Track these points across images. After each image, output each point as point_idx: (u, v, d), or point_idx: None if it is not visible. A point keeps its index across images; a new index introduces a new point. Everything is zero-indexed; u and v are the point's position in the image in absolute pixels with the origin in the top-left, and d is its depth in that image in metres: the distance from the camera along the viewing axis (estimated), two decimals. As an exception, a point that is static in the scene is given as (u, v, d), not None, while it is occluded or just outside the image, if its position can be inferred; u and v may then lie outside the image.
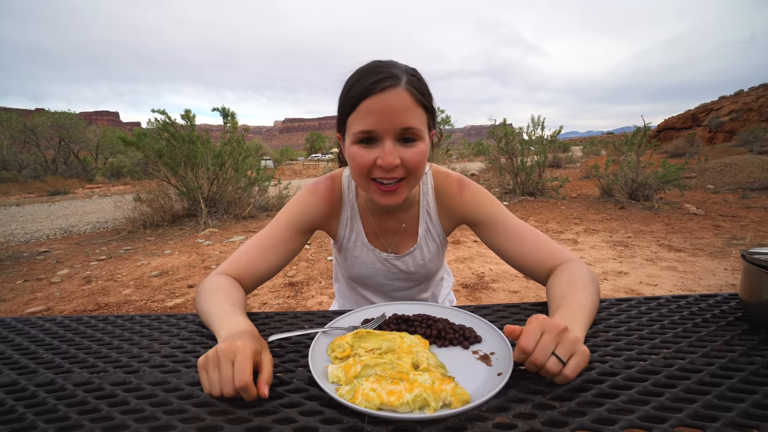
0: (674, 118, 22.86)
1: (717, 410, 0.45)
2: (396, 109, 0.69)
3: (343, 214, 0.94)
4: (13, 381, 0.57)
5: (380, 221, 0.94)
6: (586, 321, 0.64)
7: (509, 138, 7.58)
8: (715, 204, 6.17)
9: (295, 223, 0.88)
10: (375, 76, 0.70)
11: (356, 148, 0.73)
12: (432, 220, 0.95)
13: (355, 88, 0.71)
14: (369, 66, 0.74)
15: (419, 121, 0.72)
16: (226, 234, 5.36)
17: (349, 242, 0.96)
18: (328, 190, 0.92)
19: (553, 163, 13.91)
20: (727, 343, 0.61)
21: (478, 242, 4.52)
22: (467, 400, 0.47)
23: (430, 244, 0.96)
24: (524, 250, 0.83)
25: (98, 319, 0.80)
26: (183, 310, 2.84)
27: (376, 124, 0.70)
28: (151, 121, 6.19)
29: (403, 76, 0.71)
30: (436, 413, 0.45)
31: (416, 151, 0.72)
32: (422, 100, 0.72)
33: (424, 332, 0.66)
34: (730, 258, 3.53)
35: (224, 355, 0.51)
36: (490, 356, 0.59)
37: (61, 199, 11.84)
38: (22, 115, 20.61)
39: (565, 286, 0.71)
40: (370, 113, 0.70)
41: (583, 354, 0.52)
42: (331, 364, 0.57)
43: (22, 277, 3.77)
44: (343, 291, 1.14)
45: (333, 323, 0.70)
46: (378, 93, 0.69)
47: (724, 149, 13.88)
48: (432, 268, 0.99)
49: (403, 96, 0.69)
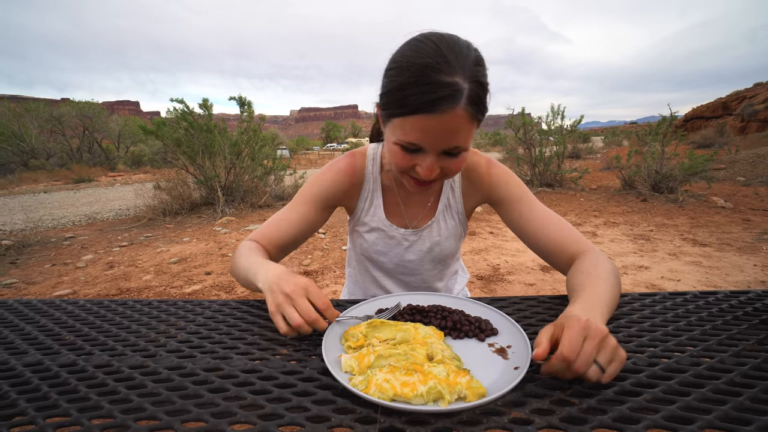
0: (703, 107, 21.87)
1: (750, 413, 0.43)
2: (448, 132, 0.65)
3: (364, 188, 0.94)
4: (38, 361, 0.59)
5: (405, 197, 0.94)
6: (607, 312, 0.62)
7: (527, 128, 7.40)
8: (746, 197, 5.90)
9: (316, 196, 0.90)
10: (436, 91, 0.61)
11: (398, 149, 0.70)
12: (455, 195, 0.94)
13: (410, 94, 0.62)
14: (430, 63, 0.61)
15: (468, 136, 0.68)
16: (242, 222, 5.45)
17: (367, 215, 0.96)
18: (349, 165, 0.92)
19: (572, 153, 13.56)
20: (761, 343, 0.58)
21: (493, 233, 4.46)
22: (483, 394, 0.46)
23: (448, 220, 0.95)
24: (547, 232, 0.82)
25: (118, 303, 0.82)
26: (200, 296, 2.91)
27: (423, 142, 0.66)
28: (170, 110, 6.29)
29: (465, 86, 0.62)
30: (450, 406, 0.44)
31: (458, 161, 0.70)
32: (478, 116, 0.66)
33: (438, 323, 0.65)
34: (760, 254, 3.38)
35: (297, 294, 0.61)
36: (507, 349, 0.58)
37: (85, 187, 12.25)
38: (49, 104, 21.27)
39: (586, 276, 0.69)
40: (420, 130, 0.65)
41: (622, 359, 0.50)
42: (345, 353, 0.57)
43: (50, 262, 3.93)
44: (354, 276, 1.14)
45: (347, 312, 0.69)
46: (434, 114, 0.62)
47: (756, 139, 13.21)
48: (447, 248, 0.97)
49: (460, 117, 0.63)
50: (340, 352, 0.57)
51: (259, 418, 0.44)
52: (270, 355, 0.59)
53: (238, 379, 0.52)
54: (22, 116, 19.33)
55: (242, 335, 0.66)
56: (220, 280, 3.21)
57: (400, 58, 0.66)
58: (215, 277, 3.30)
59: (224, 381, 0.52)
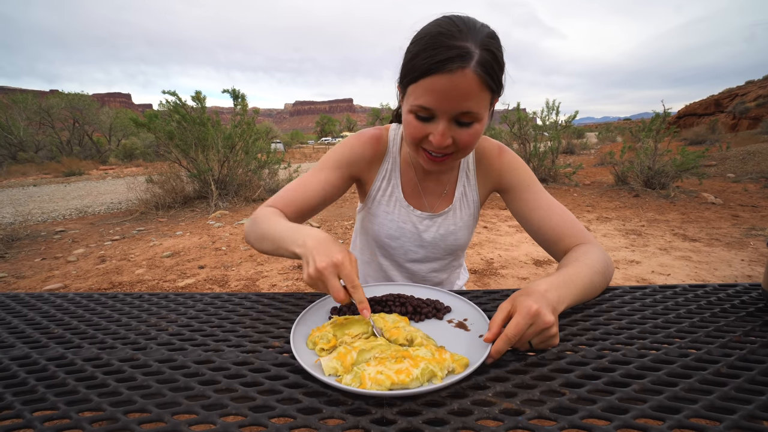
0: (696, 104, 22.04)
1: (735, 402, 0.43)
2: (458, 93, 0.65)
3: (383, 165, 0.94)
4: (25, 354, 0.58)
5: (422, 179, 0.94)
6: (576, 294, 0.65)
7: (522, 123, 7.42)
8: (735, 193, 5.99)
9: (339, 162, 0.89)
10: (445, 52, 0.63)
11: (411, 118, 0.71)
12: (470, 183, 0.95)
13: (422, 58, 0.65)
14: (442, 31, 0.65)
15: (480, 104, 0.68)
16: (236, 216, 5.41)
17: (384, 196, 0.95)
18: (375, 137, 0.92)
19: (566, 149, 13.62)
20: (747, 334, 0.59)
21: (487, 228, 4.48)
22: (467, 363, 0.51)
23: (464, 210, 0.96)
24: (550, 221, 0.83)
25: (108, 296, 0.81)
26: (194, 290, 2.90)
27: (434, 104, 0.67)
28: (162, 102, 6.21)
29: (476, 51, 0.63)
30: (445, 381, 0.47)
31: (470, 132, 0.70)
32: (489, 83, 0.66)
33: (399, 310, 0.67)
34: (747, 249, 3.43)
35: (328, 272, 0.58)
36: (465, 322, 0.63)
37: (76, 180, 12.07)
38: (37, 96, 20.83)
39: (573, 261, 0.72)
40: (430, 91, 0.66)
41: (552, 345, 0.56)
42: (318, 356, 0.54)
43: (40, 256, 3.88)
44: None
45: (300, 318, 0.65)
46: (444, 73, 0.64)
47: (747, 137, 13.37)
48: (460, 238, 0.97)
49: (470, 79, 0.64)
50: (312, 356, 0.54)
51: (250, 410, 0.44)
52: (262, 347, 0.58)
53: (229, 372, 0.52)
54: (9, 108, 18.94)
55: (234, 328, 0.65)
56: (214, 274, 3.19)
57: (418, 33, 0.70)
58: (209, 270, 3.28)
59: (215, 373, 0.51)
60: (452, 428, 0.41)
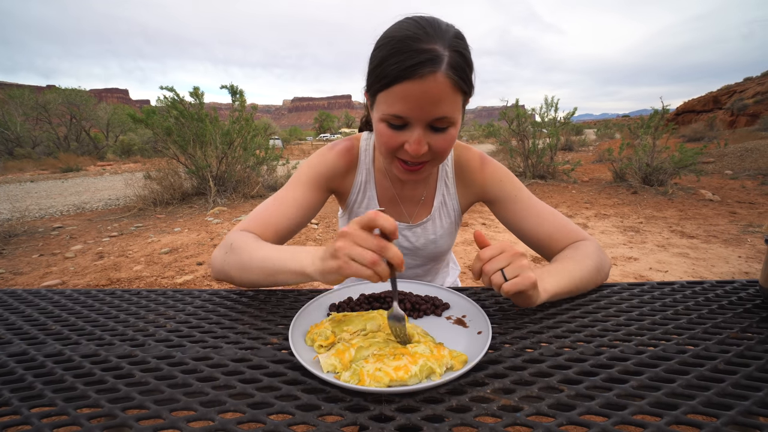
0: (694, 101, 22.04)
1: (732, 398, 0.43)
2: (431, 99, 0.63)
3: (357, 177, 0.91)
4: (23, 351, 0.57)
5: (398, 188, 0.92)
6: (561, 281, 0.66)
7: (521, 119, 7.40)
8: (733, 190, 6.00)
9: (314, 178, 0.86)
10: (414, 57, 0.61)
11: (384, 127, 0.68)
12: (449, 192, 0.93)
13: (390, 64, 0.62)
14: (409, 35, 0.62)
15: (454, 108, 0.66)
16: (234, 213, 5.40)
17: (360, 208, 0.93)
18: (346, 149, 0.90)
19: (565, 146, 13.61)
20: (744, 331, 0.59)
21: (486, 225, 4.49)
22: (466, 360, 0.51)
23: (444, 218, 0.94)
24: (542, 229, 0.82)
25: (106, 292, 0.81)
26: (192, 286, 2.89)
27: (408, 112, 0.64)
28: (160, 98, 6.17)
29: (445, 54, 0.62)
30: (443, 378, 0.47)
31: (446, 138, 0.69)
32: (461, 85, 0.65)
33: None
34: (744, 245, 3.45)
35: (349, 237, 0.54)
36: (463, 319, 0.63)
37: (73, 176, 12.02)
38: (34, 91, 20.67)
39: (563, 257, 0.73)
40: (403, 99, 0.63)
41: (527, 278, 0.57)
42: (317, 353, 0.54)
43: (38, 252, 3.87)
44: None
45: (299, 314, 0.64)
46: (415, 79, 0.61)
47: (745, 133, 13.39)
48: (442, 245, 0.96)
49: (442, 83, 0.62)
50: (310, 353, 0.55)
51: (248, 407, 0.44)
52: (260, 344, 0.58)
53: (227, 368, 0.52)
54: (6, 103, 18.81)
55: (232, 325, 0.65)
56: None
57: (382, 37, 0.67)
58: (207, 267, 3.28)
59: (213, 370, 0.51)
60: (450, 425, 0.41)
